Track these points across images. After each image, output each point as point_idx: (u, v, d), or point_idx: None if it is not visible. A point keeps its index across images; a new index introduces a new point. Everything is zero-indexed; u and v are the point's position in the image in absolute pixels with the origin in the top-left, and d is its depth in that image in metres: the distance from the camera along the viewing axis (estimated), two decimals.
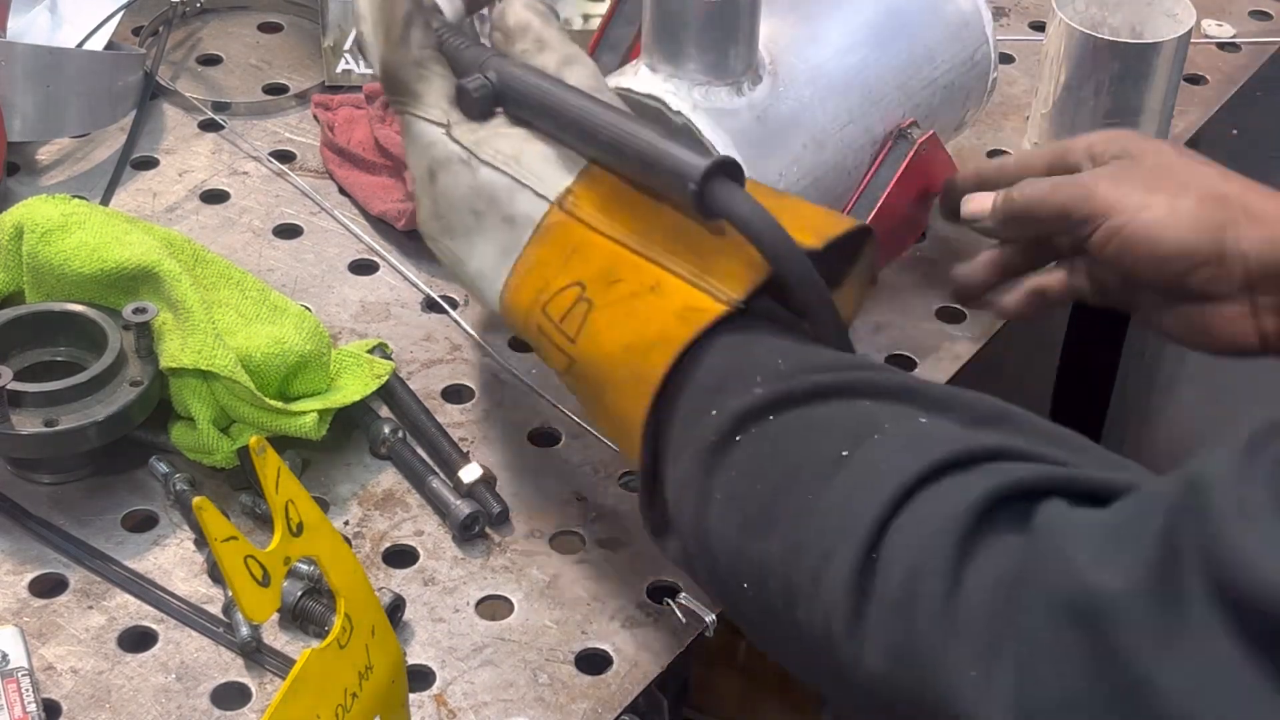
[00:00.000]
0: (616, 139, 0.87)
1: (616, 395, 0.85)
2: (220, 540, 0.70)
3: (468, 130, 0.92)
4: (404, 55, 0.93)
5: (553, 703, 0.89)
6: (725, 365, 0.82)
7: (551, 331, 0.88)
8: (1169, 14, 1.24)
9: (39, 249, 1.01)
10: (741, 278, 0.83)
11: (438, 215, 0.93)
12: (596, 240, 0.87)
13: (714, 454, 0.78)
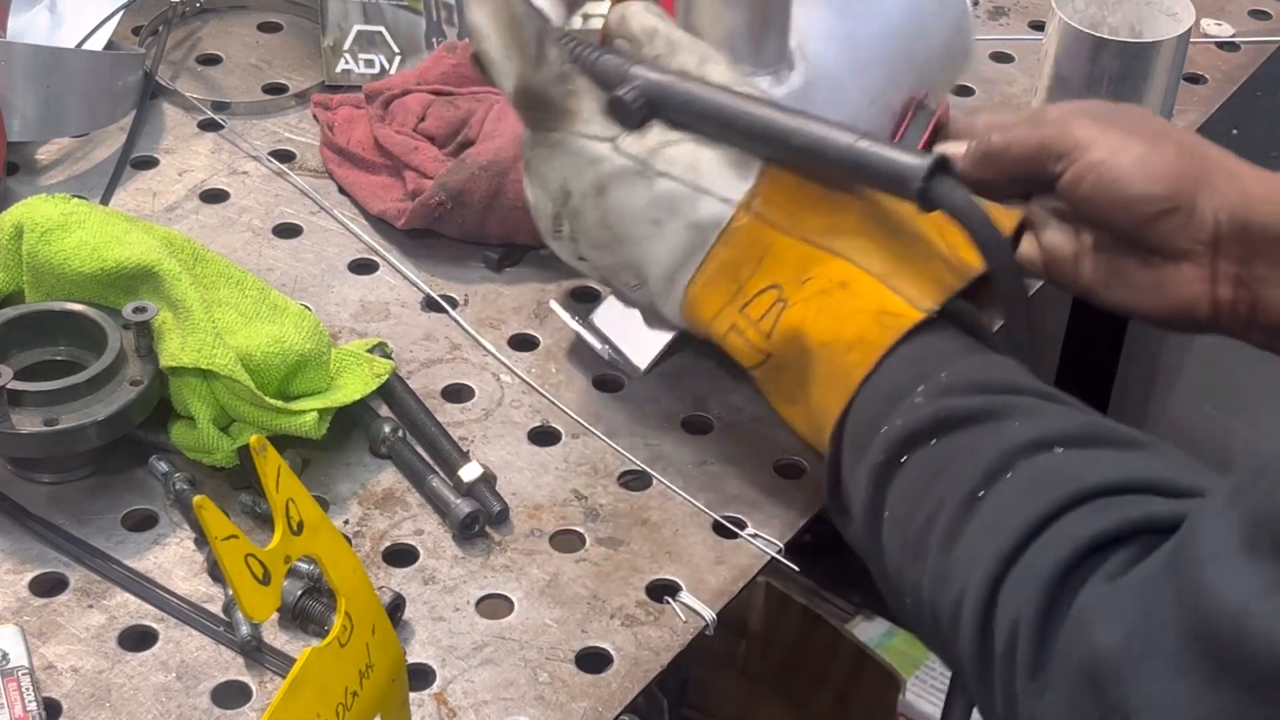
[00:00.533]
0: (814, 144, 0.89)
1: (817, 389, 0.89)
2: (220, 539, 0.70)
3: (635, 142, 0.92)
4: (546, 73, 0.92)
5: (553, 701, 0.89)
6: (901, 374, 0.85)
7: (747, 329, 0.91)
8: (1168, 13, 1.24)
9: (39, 248, 1.01)
10: (933, 285, 0.88)
11: (606, 226, 0.94)
12: (785, 242, 0.90)
13: (883, 472, 0.83)
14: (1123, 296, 0.98)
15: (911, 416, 0.82)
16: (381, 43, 1.30)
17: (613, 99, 0.92)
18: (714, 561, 0.97)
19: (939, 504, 0.79)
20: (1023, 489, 0.76)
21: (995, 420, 0.80)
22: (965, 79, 1.38)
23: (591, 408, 1.06)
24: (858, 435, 0.86)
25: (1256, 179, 0.94)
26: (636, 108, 0.91)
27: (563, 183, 0.94)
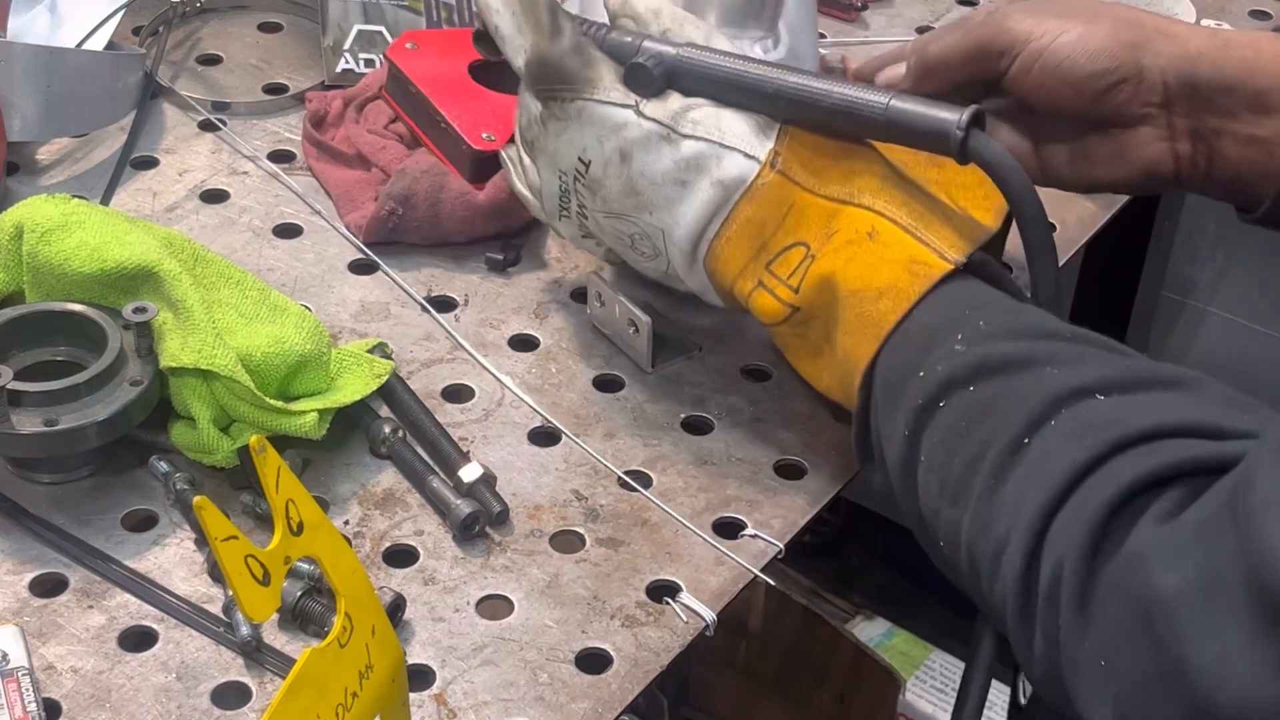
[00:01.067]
0: (849, 104, 0.92)
1: (845, 337, 0.91)
2: (220, 539, 0.70)
3: (658, 107, 0.95)
4: (562, 44, 0.95)
5: (553, 702, 0.89)
6: (934, 321, 0.87)
7: (775, 285, 0.93)
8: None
9: (39, 249, 1.01)
10: (961, 236, 0.90)
11: (632, 192, 0.96)
12: (808, 199, 0.93)
13: (920, 416, 0.84)
14: (1089, 172, 1.02)
15: (950, 362, 0.84)
16: (381, 43, 1.30)
17: (633, 65, 0.94)
18: (714, 562, 0.97)
19: (982, 448, 0.80)
20: (1067, 435, 0.78)
21: (1036, 366, 0.82)
22: None
23: (591, 408, 1.06)
24: (891, 380, 0.88)
25: (1195, 36, 0.98)
26: (657, 74, 0.94)
27: (580, 154, 0.96)
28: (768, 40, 1.08)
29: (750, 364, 1.10)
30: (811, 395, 1.08)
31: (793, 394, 1.08)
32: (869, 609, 1.74)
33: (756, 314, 0.96)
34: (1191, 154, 0.98)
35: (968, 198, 0.93)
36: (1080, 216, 1.25)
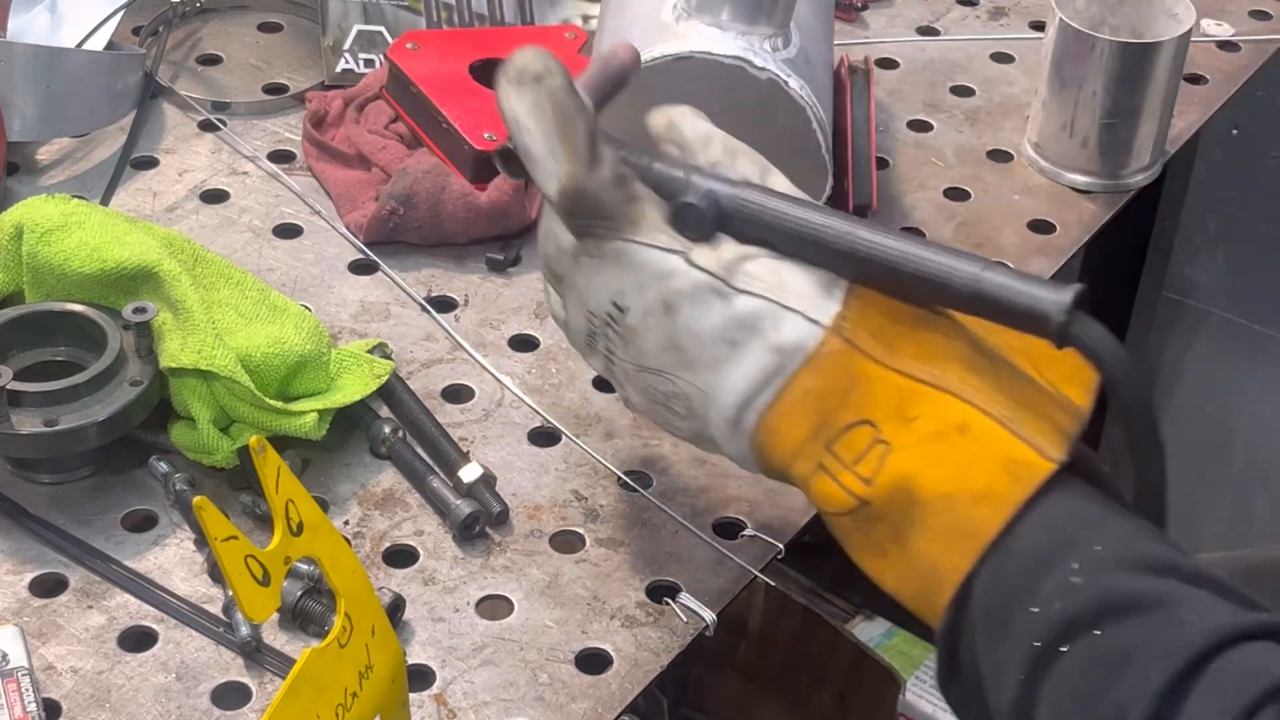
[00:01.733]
0: (932, 274, 0.80)
1: (929, 543, 0.79)
2: (220, 540, 0.70)
3: (709, 255, 0.83)
4: (601, 175, 0.83)
5: (553, 702, 0.89)
6: (1042, 543, 0.77)
7: (838, 471, 0.81)
8: (1169, 14, 1.24)
9: (39, 249, 1.01)
10: (1055, 430, 0.79)
11: (675, 348, 0.84)
12: (877, 371, 0.81)
13: (1040, 660, 0.75)
14: None
15: (1071, 599, 0.74)
16: (381, 43, 1.30)
17: (682, 205, 0.83)
18: (714, 562, 0.97)
19: (1121, 709, 0.72)
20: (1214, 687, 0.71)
21: (1167, 608, 0.73)
22: (966, 79, 1.38)
23: (591, 408, 1.06)
24: (995, 608, 0.77)
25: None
26: (710, 216, 0.83)
27: (615, 298, 0.85)
28: (778, 39, 1.08)
29: None
30: None
31: None
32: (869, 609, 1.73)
33: (817, 501, 0.84)
34: None
35: (1056, 371, 0.81)
36: (1080, 217, 1.25)
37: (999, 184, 1.28)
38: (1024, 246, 1.22)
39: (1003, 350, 0.82)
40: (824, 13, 1.20)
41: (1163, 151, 1.29)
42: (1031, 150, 1.29)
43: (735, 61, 1.07)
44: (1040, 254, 1.21)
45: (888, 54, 1.40)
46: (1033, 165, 1.29)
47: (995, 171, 1.29)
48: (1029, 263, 1.20)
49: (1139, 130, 1.24)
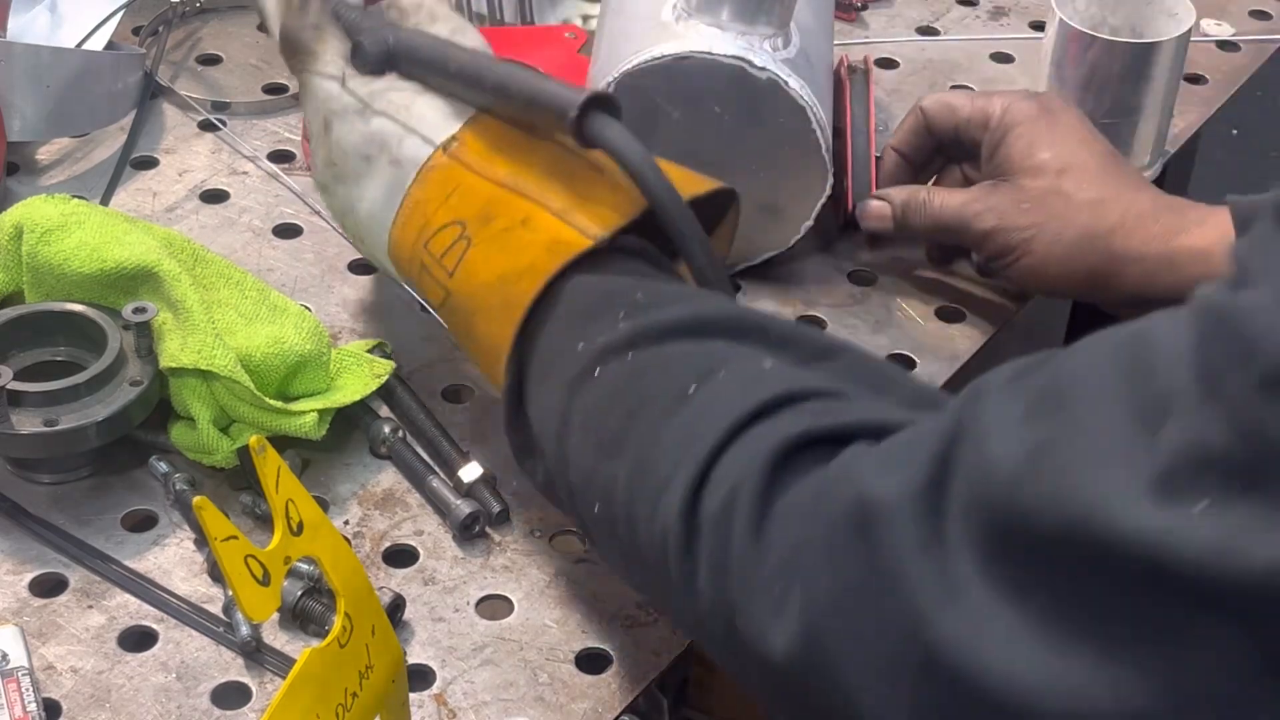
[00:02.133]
0: (502, 80, 0.93)
1: (487, 322, 0.90)
2: (220, 540, 0.70)
3: (362, 83, 0.97)
4: (302, 19, 0.99)
5: (553, 702, 0.89)
6: (589, 298, 0.86)
7: (432, 266, 0.93)
8: (1169, 13, 1.24)
9: (39, 249, 1.01)
10: (608, 215, 0.89)
11: (330, 163, 0.98)
12: (476, 182, 0.93)
13: (576, 383, 0.83)
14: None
15: (609, 335, 0.83)
16: None
17: (354, 44, 0.97)
18: None
19: (642, 401, 0.80)
20: (740, 380, 0.77)
21: (696, 337, 0.82)
22: (966, 79, 1.38)
23: None
24: (547, 358, 0.87)
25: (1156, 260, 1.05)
26: (374, 52, 0.96)
27: (310, 123, 1.00)
28: (778, 39, 1.08)
29: None
30: None
31: None
32: None
33: (423, 297, 0.96)
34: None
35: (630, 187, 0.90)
36: None
37: None
38: None
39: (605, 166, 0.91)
40: (824, 13, 1.20)
41: (1163, 151, 1.29)
42: None
43: (735, 61, 1.07)
44: None
45: (888, 54, 1.40)
46: None
47: None
48: None
49: (1139, 130, 1.24)
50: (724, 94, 1.08)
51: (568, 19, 1.36)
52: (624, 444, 0.80)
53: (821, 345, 0.81)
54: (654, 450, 0.78)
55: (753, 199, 1.12)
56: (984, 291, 1.17)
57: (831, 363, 0.80)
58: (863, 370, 0.80)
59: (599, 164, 0.91)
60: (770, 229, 1.14)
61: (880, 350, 1.12)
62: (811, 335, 0.83)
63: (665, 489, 0.76)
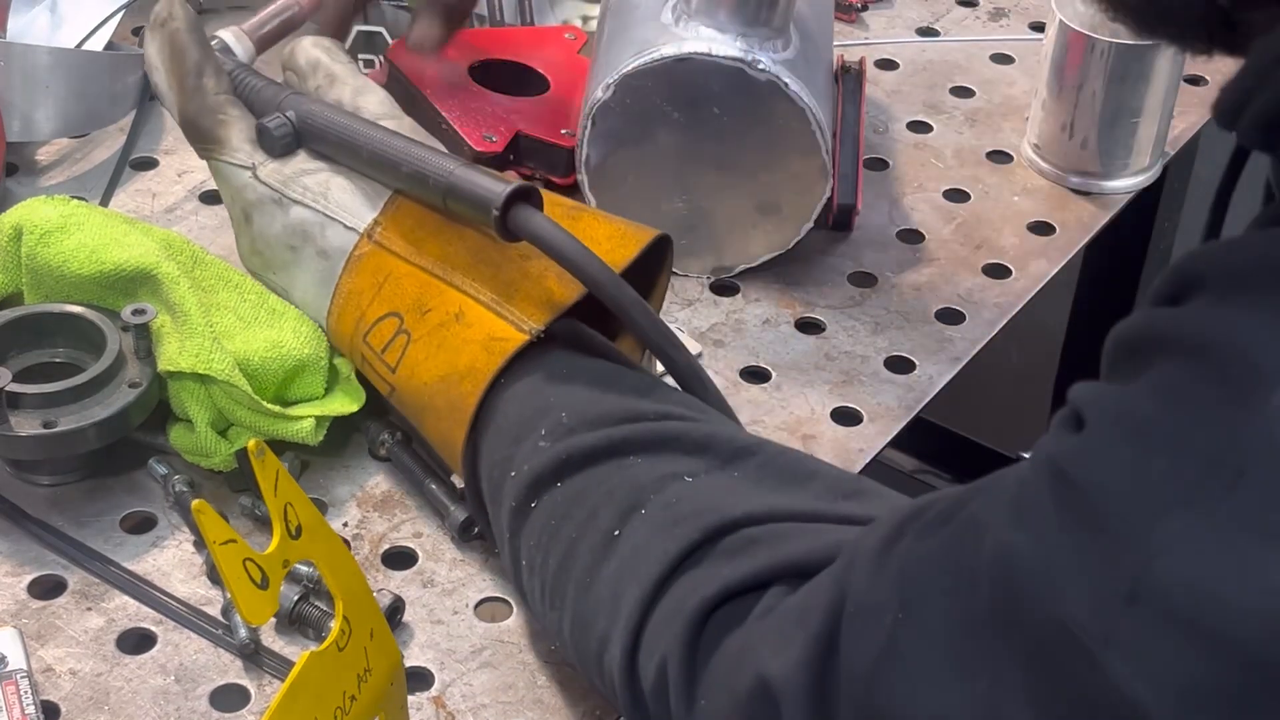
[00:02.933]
0: (419, 170, 0.91)
1: (435, 421, 0.90)
2: (219, 543, 0.70)
3: (274, 170, 0.96)
4: (200, 103, 0.98)
5: (552, 705, 0.89)
6: (522, 414, 0.86)
7: (374, 361, 0.93)
8: None
9: (38, 250, 1.01)
10: (540, 307, 0.89)
11: (256, 252, 0.98)
12: (405, 270, 0.92)
13: (515, 519, 0.84)
14: None
15: (535, 460, 0.83)
16: (381, 43, 1.30)
17: (259, 126, 0.96)
18: None
19: (571, 546, 0.81)
20: (657, 525, 0.78)
21: (618, 456, 0.82)
22: (966, 80, 1.38)
23: None
24: (493, 479, 0.87)
25: None
26: (279, 136, 0.95)
27: (228, 209, 1.00)
28: (777, 41, 1.08)
29: (749, 365, 1.10)
30: (808, 396, 1.08)
31: (791, 394, 1.08)
32: None
33: (375, 386, 0.95)
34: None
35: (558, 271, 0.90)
36: (1080, 217, 1.25)
37: (999, 185, 1.28)
38: (1024, 248, 1.22)
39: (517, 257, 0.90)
40: (824, 15, 1.20)
41: (1163, 152, 1.29)
42: (1031, 151, 1.29)
43: (734, 63, 1.07)
44: (1040, 255, 1.21)
45: (887, 55, 1.40)
46: (1032, 166, 1.29)
47: (995, 173, 1.29)
48: (1029, 264, 1.20)
49: (1139, 131, 1.24)
50: (724, 95, 1.08)
51: (568, 19, 1.36)
52: (562, 595, 0.81)
53: (738, 445, 0.82)
54: (587, 604, 0.79)
55: (752, 200, 1.12)
56: (983, 293, 1.17)
57: (749, 461, 0.81)
58: (780, 466, 0.81)
59: (522, 249, 0.91)
60: (770, 230, 1.14)
61: (880, 351, 1.12)
62: (727, 436, 0.83)
63: (604, 653, 0.78)
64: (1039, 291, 1.19)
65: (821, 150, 1.09)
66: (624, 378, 0.88)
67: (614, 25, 1.15)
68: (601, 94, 1.09)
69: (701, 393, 0.88)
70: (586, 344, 0.90)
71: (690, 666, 0.74)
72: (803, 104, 1.08)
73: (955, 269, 1.19)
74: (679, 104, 1.09)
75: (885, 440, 1.06)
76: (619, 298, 0.86)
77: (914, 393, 1.09)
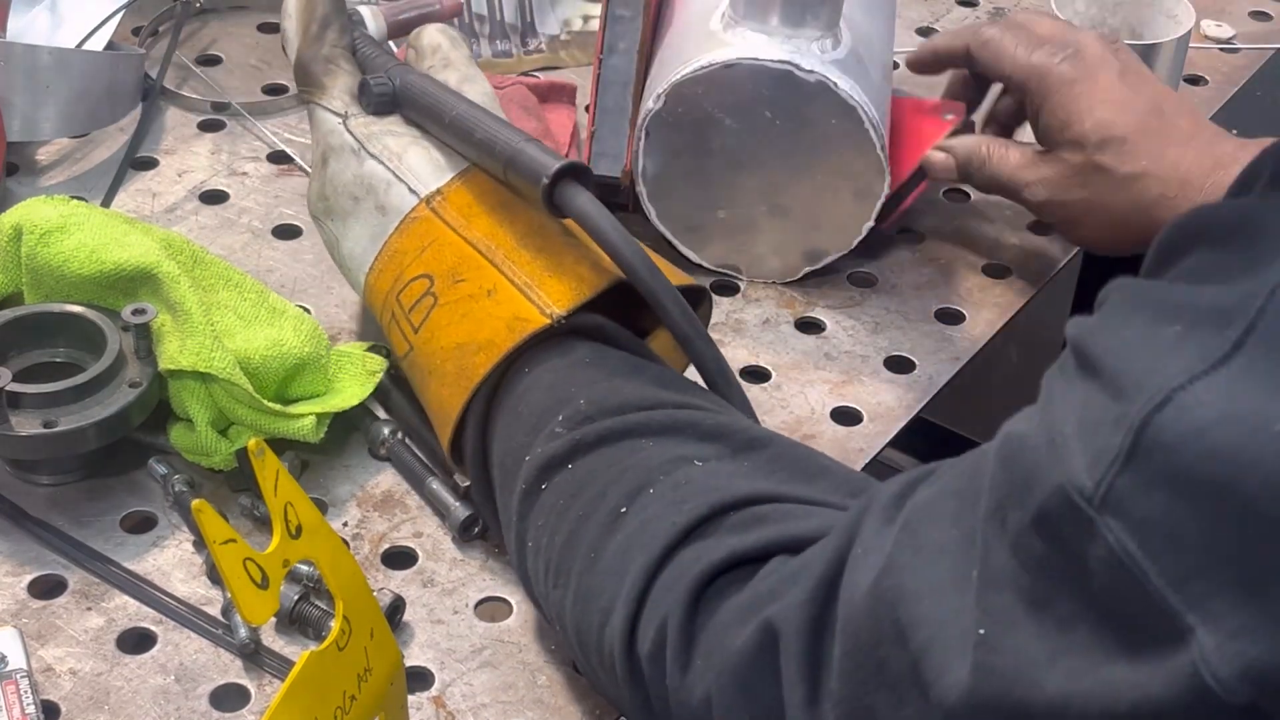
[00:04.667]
0: (489, 138, 0.93)
1: (439, 386, 0.92)
2: (219, 543, 0.70)
3: (363, 123, 0.99)
4: (316, 50, 1.01)
5: (552, 705, 0.89)
6: (543, 403, 0.87)
7: (400, 318, 0.94)
8: (1169, 15, 1.24)
9: (38, 250, 1.01)
10: (570, 291, 0.89)
11: (323, 196, 1.00)
12: (451, 239, 0.94)
13: (525, 502, 0.85)
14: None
15: (550, 445, 0.84)
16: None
17: (361, 82, 0.99)
18: None
19: (579, 524, 0.81)
20: (666, 502, 0.79)
21: (630, 439, 0.83)
22: None
23: None
24: (506, 466, 0.87)
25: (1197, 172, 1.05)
26: (377, 92, 0.98)
27: (312, 150, 1.02)
28: (826, 40, 1.08)
29: (750, 364, 1.10)
30: (808, 396, 1.08)
31: (791, 394, 1.08)
32: None
33: (392, 349, 0.97)
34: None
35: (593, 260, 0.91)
36: None
37: None
38: (1024, 247, 1.22)
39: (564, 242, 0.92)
40: (879, 11, 1.19)
41: None
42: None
43: (782, 65, 1.07)
44: (1040, 255, 1.21)
45: None
46: None
47: None
48: (1028, 264, 1.20)
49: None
50: (774, 99, 1.08)
51: (568, 19, 1.36)
52: (567, 572, 0.82)
53: (751, 436, 0.83)
54: (590, 579, 0.80)
55: (811, 202, 1.12)
56: (983, 293, 1.17)
57: (760, 453, 0.82)
58: (791, 459, 0.82)
59: (573, 231, 0.92)
60: (830, 231, 1.14)
61: (880, 351, 1.12)
62: (741, 427, 0.83)
63: (606, 623, 0.79)
64: (1039, 291, 1.19)
65: (876, 148, 1.09)
66: (647, 370, 0.89)
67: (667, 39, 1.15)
68: (653, 104, 1.09)
69: (725, 390, 0.88)
70: (616, 339, 0.91)
71: (689, 628, 0.75)
72: (854, 102, 1.07)
73: (955, 269, 1.19)
74: (731, 110, 1.09)
75: (885, 440, 1.06)
76: (652, 284, 0.87)
77: (914, 393, 1.09)
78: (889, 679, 0.66)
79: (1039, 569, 0.60)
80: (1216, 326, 0.56)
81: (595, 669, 0.83)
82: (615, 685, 0.80)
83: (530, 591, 0.87)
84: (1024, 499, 0.60)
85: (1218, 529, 0.55)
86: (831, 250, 1.15)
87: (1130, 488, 0.56)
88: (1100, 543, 0.57)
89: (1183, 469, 0.55)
